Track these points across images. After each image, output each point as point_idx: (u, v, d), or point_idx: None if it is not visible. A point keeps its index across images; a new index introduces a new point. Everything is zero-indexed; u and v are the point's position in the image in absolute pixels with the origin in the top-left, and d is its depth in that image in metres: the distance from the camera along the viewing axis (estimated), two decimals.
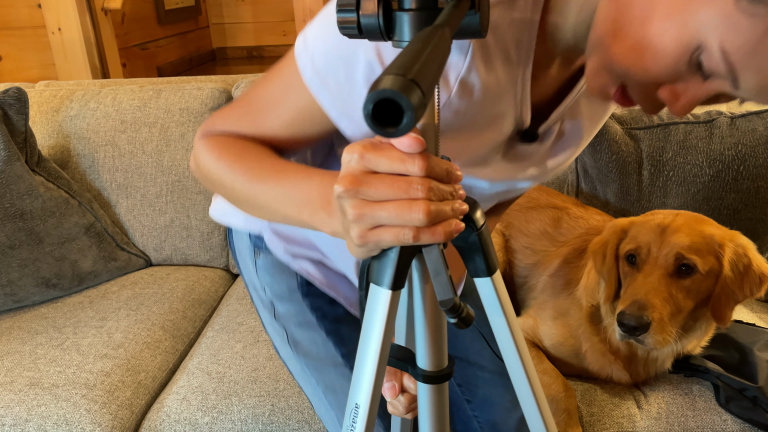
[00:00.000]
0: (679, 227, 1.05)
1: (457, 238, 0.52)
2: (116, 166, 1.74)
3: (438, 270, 0.49)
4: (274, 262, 0.97)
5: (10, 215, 1.49)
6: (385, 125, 0.36)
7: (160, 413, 1.25)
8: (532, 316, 1.31)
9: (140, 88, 1.80)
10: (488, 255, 0.53)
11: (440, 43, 0.40)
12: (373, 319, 0.51)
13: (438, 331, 0.56)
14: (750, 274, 1.04)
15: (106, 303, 1.55)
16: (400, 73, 0.35)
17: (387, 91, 0.34)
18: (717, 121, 1.46)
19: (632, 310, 1.01)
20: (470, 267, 0.54)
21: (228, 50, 4.49)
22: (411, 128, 0.36)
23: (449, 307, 0.49)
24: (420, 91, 0.35)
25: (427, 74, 0.37)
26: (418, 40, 0.40)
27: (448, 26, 0.43)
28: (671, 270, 1.03)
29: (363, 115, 0.36)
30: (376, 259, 0.51)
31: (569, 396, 1.18)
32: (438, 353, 0.57)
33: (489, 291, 0.55)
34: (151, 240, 1.76)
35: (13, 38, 2.55)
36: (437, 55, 0.39)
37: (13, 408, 1.21)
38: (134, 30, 2.95)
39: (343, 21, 0.49)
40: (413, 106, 0.35)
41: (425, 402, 0.59)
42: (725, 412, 1.15)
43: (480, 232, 0.52)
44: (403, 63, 0.36)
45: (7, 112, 1.57)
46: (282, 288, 0.97)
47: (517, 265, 1.41)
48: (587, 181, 1.55)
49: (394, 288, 0.50)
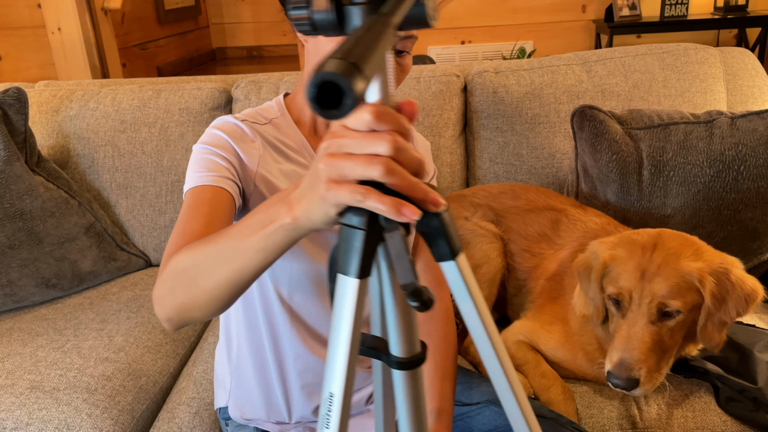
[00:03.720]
0: (657, 269, 1.06)
1: (420, 224, 0.54)
2: (116, 166, 1.74)
3: (400, 254, 0.50)
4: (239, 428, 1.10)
5: (10, 215, 1.49)
6: (328, 108, 0.37)
7: (171, 424, 1.23)
8: (530, 319, 1.31)
9: (140, 88, 1.79)
10: (451, 238, 0.54)
11: (382, 30, 0.41)
12: (343, 308, 0.52)
13: (408, 317, 0.57)
14: (734, 297, 1.05)
15: (107, 305, 1.55)
16: (341, 57, 0.36)
17: (328, 74, 0.36)
18: (717, 121, 1.45)
19: (620, 371, 1.04)
20: (434, 251, 0.55)
21: (228, 50, 4.48)
22: (352, 109, 0.37)
23: (410, 291, 0.50)
24: (361, 73, 0.36)
25: (369, 58, 0.38)
26: (362, 27, 0.41)
27: (392, 15, 0.44)
28: (654, 318, 1.06)
29: (307, 98, 0.37)
30: (342, 249, 0.52)
31: (568, 399, 1.18)
32: (410, 339, 0.58)
33: (455, 274, 0.56)
34: (151, 240, 1.76)
35: (12, 38, 2.55)
36: (379, 41, 0.40)
37: (14, 411, 1.21)
38: (134, 30, 2.95)
39: (296, 18, 0.49)
40: (353, 87, 0.36)
41: (401, 389, 0.60)
42: (725, 413, 1.15)
43: (442, 217, 0.53)
44: (345, 48, 0.37)
45: (6, 112, 1.57)
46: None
47: (516, 269, 1.41)
48: (587, 181, 1.54)
49: (361, 276, 0.51)
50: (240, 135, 0.94)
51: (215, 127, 0.94)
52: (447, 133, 1.72)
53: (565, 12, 4.04)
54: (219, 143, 0.91)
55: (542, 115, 1.70)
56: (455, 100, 1.73)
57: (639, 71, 1.72)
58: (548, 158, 1.70)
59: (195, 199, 0.85)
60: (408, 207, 0.48)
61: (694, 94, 1.70)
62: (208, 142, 0.91)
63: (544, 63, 1.77)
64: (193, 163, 0.90)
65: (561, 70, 1.74)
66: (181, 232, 0.79)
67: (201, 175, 0.87)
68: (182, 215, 0.83)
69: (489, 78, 1.74)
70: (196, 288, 0.69)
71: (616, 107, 1.68)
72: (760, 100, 1.73)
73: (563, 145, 1.69)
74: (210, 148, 0.90)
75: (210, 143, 0.91)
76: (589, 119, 1.48)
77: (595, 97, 1.70)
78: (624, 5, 3.83)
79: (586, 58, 1.77)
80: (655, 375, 1.05)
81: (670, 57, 1.74)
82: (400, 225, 0.51)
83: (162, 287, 0.73)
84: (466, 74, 1.79)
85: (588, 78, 1.72)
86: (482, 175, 1.75)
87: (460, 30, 4.13)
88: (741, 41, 3.99)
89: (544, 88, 1.71)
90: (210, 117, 1.74)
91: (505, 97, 1.71)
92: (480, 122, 1.74)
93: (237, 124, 0.95)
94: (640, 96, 1.70)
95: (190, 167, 0.90)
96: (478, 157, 1.76)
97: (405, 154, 0.49)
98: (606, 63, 1.74)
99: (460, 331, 1.41)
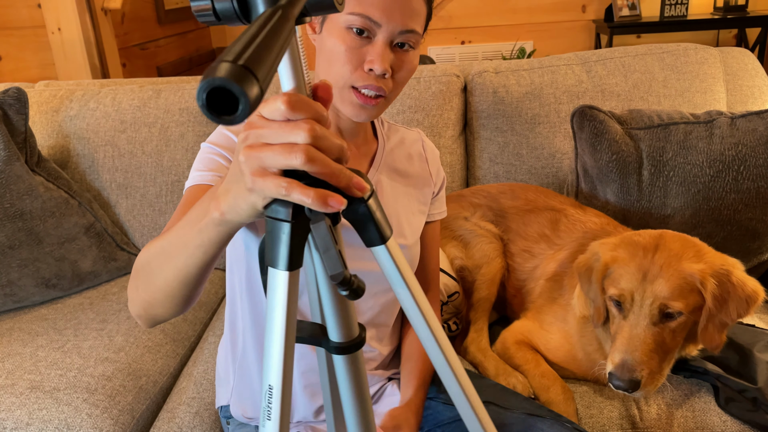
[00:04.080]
0: (659, 271, 1.06)
1: (347, 211, 0.54)
2: (116, 166, 1.74)
3: (327, 245, 0.50)
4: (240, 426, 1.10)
5: (10, 215, 1.49)
6: (222, 113, 0.36)
7: (171, 424, 1.23)
8: (530, 319, 1.31)
9: (140, 88, 1.79)
10: (379, 224, 0.54)
11: (279, 25, 0.40)
12: (275, 300, 0.52)
13: (343, 302, 0.57)
14: (735, 299, 1.05)
15: (107, 305, 1.54)
16: (232, 60, 0.35)
17: (217, 79, 0.34)
18: (717, 121, 1.45)
19: (622, 373, 1.04)
20: (364, 237, 0.55)
21: None
22: (248, 114, 0.36)
23: (340, 281, 0.50)
24: (253, 76, 0.35)
25: (263, 58, 0.36)
26: (256, 23, 0.39)
27: (290, 6, 0.42)
28: (656, 319, 1.06)
29: (198, 105, 0.36)
30: (269, 243, 0.51)
31: (568, 399, 1.18)
32: (347, 324, 0.58)
33: (386, 259, 0.56)
34: (150, 240, 1.75)
35: (13, 38, 2.55)
36: (274, 37, 0.39)
37: (14, 411, 1.21)
38: (134, 30, 2.95)
39: (198, 9, 0.48)
40: (246, 92, 0.34)
41: (343, 373, 0.60)
42: (725, 413, 1.15)
43: (368, 203, 0.53)
44: (236, 49, 0.36)
45: (6, 112, 1.57)
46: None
47: (515, 269, 1.41)
48: (587, 181, 1.55)
49: (291, 268, 0.51)
50: None
51: (224, 126, 0.94)
52: (447, 133, 1.72)
53: (565, 12, 4.04)
54: (226, 144, 0.92)
55: (542, 115, 1.70)
56: (455, 100, 1.73)
57: (639, 71, 1.72)
58: (548, 158, 1.70)
59: (189, 197, 0.86)
60: (333, 197, 0.48)
61: (694, 94, 1.70)
62: (216, 142, 0.92)
63: (544, 63, 1.77)
64: (197, 161, 0.92)
65: (561, 70, 1.74)
66: (164, 229, 0.80)
67: (201, 174, 0.89)
68: (175, 212, 0.85)
69: (489, 78, 1.74)
70: (152, 285, 0.70)
71: (616, 107, 1.68)
72: (760, 100, 1.73)
73: (563, 145, 1.69)
74: (216, 148, 0.91)
75: (217, 143, 0.92)
76: (589, 119, 1.48)
77: (595, 97, 1.70)
78: (624, 5, 3.83)
79: (586, 58, 1.77)
80: (657, 376, 1.05)
81: (670, 57, 1.74)
82: (326, 215, 0.51)
83: (130, 284, 0.75)
84: (466, 74, 1.79)
85: (588, 78, 1.72)
86: (482, 175, 1.75)
87: (460, 30, 4.13)
88: (741, 41, 3.99)
89: (544, 88, 1.71)
90: None
91: (505, 97, 1.71)
92: (480, 122, 1.74)
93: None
94: (640, 96, 1.70)
95: (194, 165, 0.92)
96: (478, 157, 1.76)
97: (325, 141, 0.48)
98: (606, 63, 1.74)
99: (459, 332, 1.41)
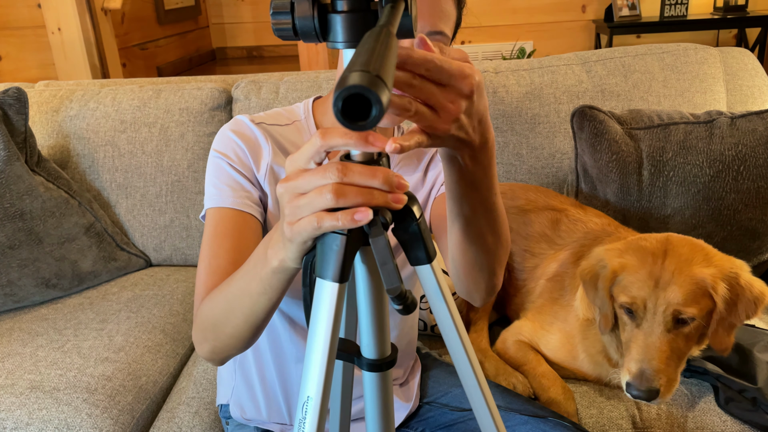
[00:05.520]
0: (671, 277, 1.05)
1: (399, 230, 0.56)
2: (116, 166, 1.74)
3: (385, 259, 0.51)
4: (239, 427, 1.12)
5: (10, 215, 1.49)
6: (355, 120, 0.38)
7: (171, 424, 1.23)
8: (531, 319, 1.31)
9: (140, 88, 1.79)
10: (427, 244, 0.57)
11: (389, 41, 0.42)
12: (321, 312, 0.53)
13: (382, 320, 0.58)
14: (744, 301, 1.05)
15: (107, 305, 1.54)
16: (364, 70, 0.37)
17: (356, 86, 0.36)
18: (717, 121, 1.46)
19: (640, 383, 1.03)
20: (411, 256, 0.57)
21: (228, 50, 4.48)
22: (380, 120, 0.38)
23: (396, 295, 0.51)
24: (384, 84, 0.37)
25: (387, 69, 0.39)
26: (371, 39, 0.41)
27: (391, 25, 0.45)
28: (670, 325, 1.05)
29: (333, 111, 0.37)
30: (321, 254, 0.53)
31: (568, 399, 1.18)
32: (382, 341, 0.59)
33: (430, 277, 0.58)
34: (150, 240, 1.76)
35: (13, 38, 2.55)
36: (391, 51, 0.41)
37: (14, 411, 1.21)
38: (134, 30, 2.95)
39: (278, 23, 0.50)
40: (380, 98, 0.36)
41: (371, 390, 0.61)
42: (725, 413, 1.15)
43: (419, 223, 0.55)
44: (364, 60, 0.38)
45: (6, 112, 1.57)
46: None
47: (516, 269, 1.41)
48: (587, 181, 1.55)
49: (341, 281, 0.52)
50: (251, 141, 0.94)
51: (230, 129, 0.95)
52: None
53: (565, 12, 4.04)
54: (234, 151, 0.92)
55: (542, 115, 1.70)
56: None
57: (639, 71, 1.72)
58: (548, 158, 1.70)
59: (220, 227, 0.88)
60: (359, 212, 0.50)
61: (693, 94, 1.70)
62: (223, 151, 0.92)
63: (544, 63, 1.77)
64: (210, 172, 0.93)
65: (561, 70, 1.74)
66: (208, 269, 0.85)
67: (222, 194, 0.90)
68: (208, 243, 0.87)
69: (489, 78, 1.74)
70: (221, 334, 0.76)
71: (616, 107, 1.68)
72: (760, 100, 1.73)
73: (563, 145, 1.69)
74: (224, 158, 0.92)
75: (224, 152, 0.92)
76: (589, 119, 1.48)
77: (595, 97, 1.70)
78: (624, 5, 3.83)
79: (586, 58, 1.77)
80: (673, 383, 1.05)
81: (670, 57, 1.74)
82: (384, 230, 0.52)
83: (195, 334, 0.82)
84: None
85: (588, 78, 1.72)
86: None
87: (460, 30, 4.12)
88: (741, 41, 3.99)
89: (544, 88, 1.71)
90: (210, 117, 1.74)
91: (505, 97, 1.71)
92: None
93: (251, 128, 0.95)
94: (640, 96, 1.70)
95: (208, 176, 0.93)
96: None
97: (353, 175, 0.50)
98: (606, 63, 1.74)
99: None
